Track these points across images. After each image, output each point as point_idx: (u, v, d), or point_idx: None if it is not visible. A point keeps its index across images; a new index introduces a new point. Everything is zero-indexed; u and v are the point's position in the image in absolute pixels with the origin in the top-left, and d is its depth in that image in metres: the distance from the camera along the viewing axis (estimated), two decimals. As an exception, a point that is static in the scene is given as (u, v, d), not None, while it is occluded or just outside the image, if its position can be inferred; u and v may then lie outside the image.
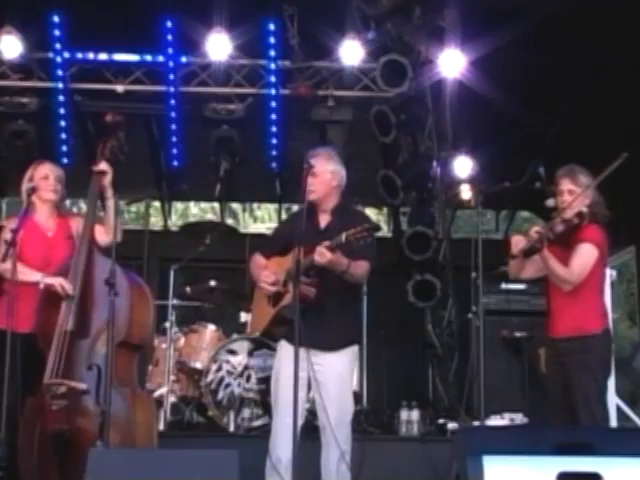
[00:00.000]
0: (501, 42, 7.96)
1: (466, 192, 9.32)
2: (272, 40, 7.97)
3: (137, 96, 8.28)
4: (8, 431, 5.36)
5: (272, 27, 7.94)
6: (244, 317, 7.83)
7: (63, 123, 8.09)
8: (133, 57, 8.06)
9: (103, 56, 8.06)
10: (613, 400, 7.10)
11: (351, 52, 8.01)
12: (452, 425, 7.32)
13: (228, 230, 8.24)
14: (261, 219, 13.84)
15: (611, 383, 6.53)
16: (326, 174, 5.46)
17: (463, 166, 8.78)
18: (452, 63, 8.17)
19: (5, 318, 5.53)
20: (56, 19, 7.82)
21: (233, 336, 7.56)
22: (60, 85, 7.99)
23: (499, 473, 3.35)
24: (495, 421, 7.18)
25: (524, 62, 8.48)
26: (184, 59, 8.08)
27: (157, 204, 11.55)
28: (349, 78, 8.33)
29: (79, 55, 8.02)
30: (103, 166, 5.71)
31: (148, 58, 8.05)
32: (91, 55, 8.06)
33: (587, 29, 8.14)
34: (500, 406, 7.57)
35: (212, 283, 7.91)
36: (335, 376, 5.21)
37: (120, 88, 8.11)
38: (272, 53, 8.02)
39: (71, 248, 5.72)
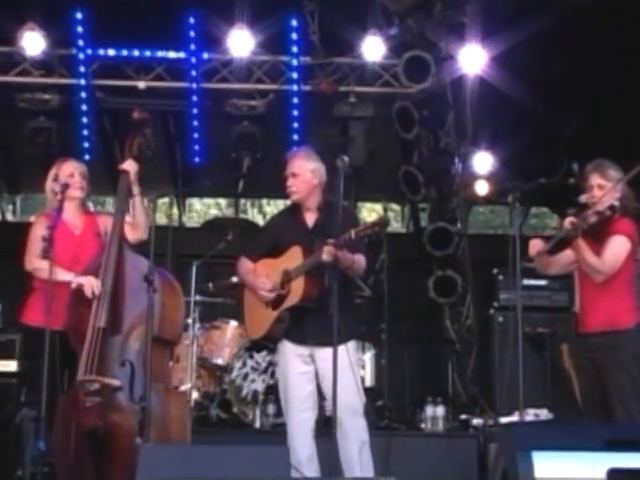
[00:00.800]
0: (521, 38, 7.96)
1: (482, 188, 9.34)
2: (294, 36, 7.97)
3: (158, 93, 8.27)
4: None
5: (294, 23, 7.94)
6: (267, 313, 7.84)
7: (85, 120, 8.09)
8: (155, 53, 8.03)
9: (125, 53, 8.03)
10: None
11: (373, 48, 8.01)
12: (477, 421, 7.33)
13: (249, 226, 8.23)
14: (271, 214, 13.83)
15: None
16: (306, 173, 5.56)
17: (483, 162, 8.78)
18: (473, 59, 8.16)
19: (39, 316, 5.58)
20: (79, 16, 7.82)
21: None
22: (82, 82, 7.98)
23: (549, 469, 3.36)
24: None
25: (544, 58, 8.48)
26: (206, 55, 8.07)
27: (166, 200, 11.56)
28: (370, 74, 8.32)
29: (101, 52, 8.00)
30: (131, 163, 5.72)
31: (170, 55, 8.03)
32: (113, 52, 8.03)
33: (608, 24, 8.15)
34: (525, 402, 7.58)
35: (234, 279, 7.91)
36: (341, 369, 5.14)
37: (142, 84, 8.11)
38: (294, 49, 8.01)
39: (99, 246, 5.74)
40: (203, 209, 13.36)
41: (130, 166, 5.69)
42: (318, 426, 5.45)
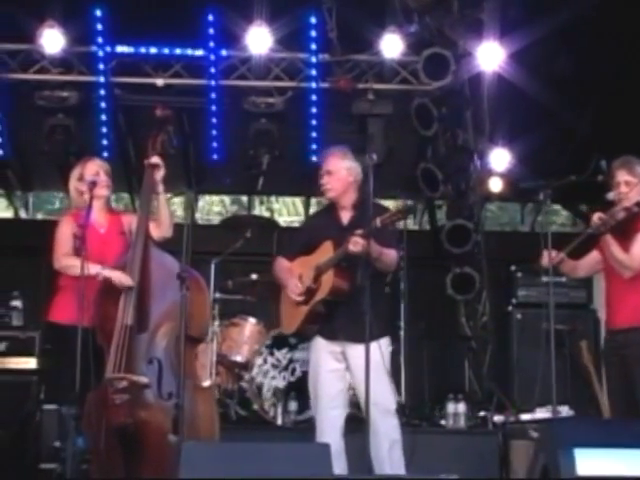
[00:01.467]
0: (539, 35, 7.97)
1: (496, 185, 9.34)
2: (313, 33, 7.95)
3: (175, 90, 8.27)
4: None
5: (313, 20, 7.93)
6: (287, 310, 7.84)
7: (104, 117, 8.07)
8: (173, 51, 8.03)
9: (143, 50, 8.03)
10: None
11: (391, 45, 8.00)
12: (498, 418, 7.34)
13: (267, 224, 8.24)
14: (278, 212, 13.86)
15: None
16: (341, 171, 5.61)
17: (500, 159, 8.78)
18: (490, 56, 8.15)
19: (66, 313, 5.60)
20: (98, 13, 7.81)
21: (277, 329, 7.56)
22: (102, 79, 7.98)
23: (591, 466, 3.36)
24: (541, 414, 7.18)
25: (562, 54, 8.48)
26: (224, 52, 8.06)
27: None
28: (388, 71, 8.31)
29: (119, 49, 8.00)
30: (155, 161, 5.72)
31: (189, 52, 8.03)
32: (131, 49, 8.03)
33: (625, 22, 8.14)
34: (543, 398, 7.59)
35: (254, 276, 7.92)
36: (373, 366, 5.17)
37: (160, 82, 8.10)
38: (313, 46, 8.00)
39: (123, 244, 5.75)
40: (206, 207, 13.36)
41: (156, 162, 5.69)
42: (349, 423, 5.45)
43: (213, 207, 13.64)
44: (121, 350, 5.23)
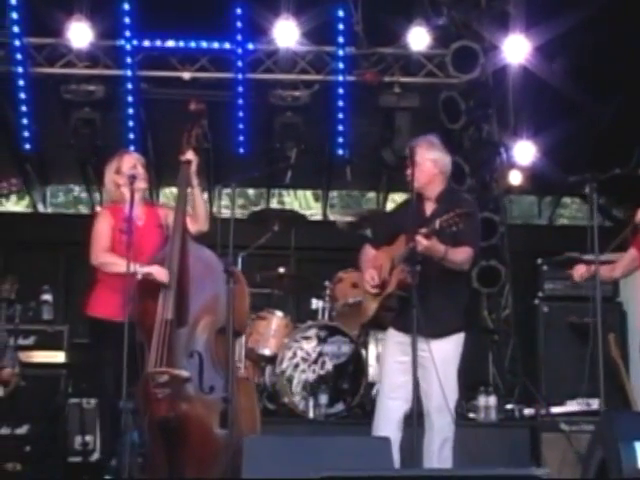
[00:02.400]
0: (565, 27, 7.96)
1: (516, 178, 9.35)
2: (341, 26, 7.94)
3: (202, 83, 8.26)
4: (112, 422, 5.43)
5: (341, 13, 7.92)
6: (315, 304, 7.86)
7: (131, 111, 8.07)
8: (200, 44, 8.02)
9: (170, 43, 8.02)
10: None
11: (418, 38, 7.99)
12: (528, 411, 7.34)
13: (295, 217, 8.24)
14: (290, 205, 13.82)
15: None
16: (427, 162, 5.53)
17: (525, 152, 8.78)
18: (516, 49, 8.14)
19: (104, 308, 5.61)
20: (126, 7, 7.80)
21: (307, 323, 7.59)
22: (129, 73, 7.97)
23: (653, 460, 3.35)
24: (572, 406, 7.19)
25: (588, 47, 8.46)
26: (251, 46, 8.05)
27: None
28: (414, 65, 8.30)
29: (146, 43, 7.99)
30: (190, 155, 5.72)
31: (215, 45, 8.02)
32: (158, 42, 8.02)
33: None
34: (570, 392, 7.60)
35: (281, 270, 7.93)
36: (439, 362, 5.23)
37: (187, 75, 8.09)
38: (340, 39, 7.99)
39: (160, 237, 5.76)
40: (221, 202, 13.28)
41: (191, 157, 5.69)
42: (408, 415, 5.41)
43: (222, 201, 13.57)
44: (162, 345, 5.24)
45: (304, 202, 16.27)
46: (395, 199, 13.64)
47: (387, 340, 5.63)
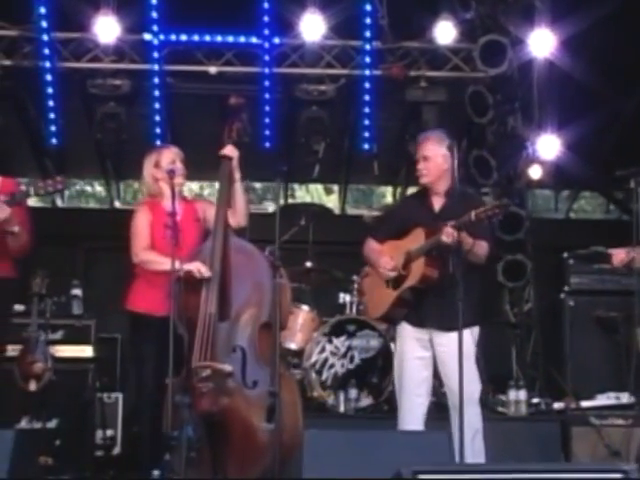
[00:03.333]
0: (591, 21, 7.96)
1: (536, 172, 9.34)
2: (368, 20, 7.94)
3: (227, 78, 8.26)
4: (152, 416, 5.44)
5: (368, 7, 7.91)
6: (343, 298, 7.87)
7: (157, 105, 8.07)
8: (226, 38, 8.02)
9: (196, 38, 8.02)
10: None
11: (445, 32, 7.99)
12: (558, 405, 7.35)
13: (322, 211, 8.24)
14: (301, 199, 13.82)
15: None
16: (438, 157, 5.54)
17: (549, 146, 8.77)
18: (542, 43, 8.14)
19: (143, 302, 5.62)
20: (153, 1, 7.79)
21: (336, 317, 7.59)
22: (156, 67, 7.96)
23: None
24: (601, 400, 7.20)
25: (612, 40, 8.47)
26: (277, 40, 8.05)
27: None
28: (440, 58, 8.30)
29: (172, 37, 7.98)
30: (231, 150, 5.71)
31: (242, 39, 8.01)
32: (185, 37, 8.01)
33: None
34: (597, 386, 7.61)
35: (308, 264, 7.94)
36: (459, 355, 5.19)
37: (213, 70, 8.09)
38: (367, 34, 7.98)
39: (199, 231, 5.75)
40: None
41: (232, 152, 5.69)
42: (432, 411, 5.46)
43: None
44: (206, 339, 5.23)
45: (316, 196, 16.31)
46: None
47: (403, 336, 5.60)
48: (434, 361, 5.47)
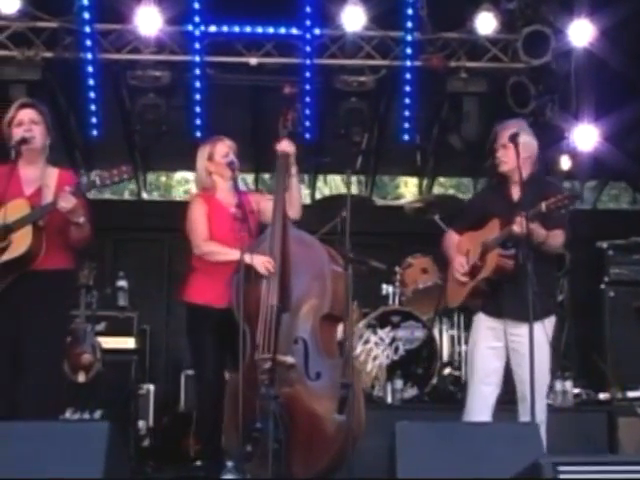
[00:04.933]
0: (630, 11, 7.95)
1: (566, 162, 9.33)
2: (410, 11, 7.91)
3: (267, 69, 8.24)
4: (212, 408, 5.45)
5: (411, -2, 7.90)
6: (385, 289, 7.88)
7: (198, 96, 8.04)
8: (266, 29, 8.00)
9: (237, 29, 7.99)
10: None
11: (486, 23, 7.97)
12: (604, 395, 7.37)
13: (364, 202, 8.24)
14: (320, 190, 13.81)
15: None
16: (518, 145, 5.46)
17: (587, 136, 8.77)
18: (581, 33, 8.13)
19: (202, 294, 5.63)
20: (196, -8, 7.78)
21: (380, 308, 7.59)
22: (197, 58, 7.94)
23: None
24: (643, 391, 7.23)
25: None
26: (317, 31, 8.02)
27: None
28: (479, 49, 8.27)
29: (212, 28, 7.96)
30: (287, 146, 5.71)
31: (282, 30, 7.99)
32: (226, 28, 7.99)
33: None
34: (637, 376, 7.63)
35: (349, 255, 7.91)
36: (535, 346, 5.15)
37: (253, 61, 8.07)
38: (409, 24, 7.96)
39: (255, 223, 5.74)
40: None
41: (289, 147, 5.69)
42: (499, 401, 5.47)
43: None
44: (268, 331, 5.25)
45: (334, 187, 16.30)
46: (443, 183, 13.67)
47: (478, 325, 5.63)
48: (507, 352, 5.46)
